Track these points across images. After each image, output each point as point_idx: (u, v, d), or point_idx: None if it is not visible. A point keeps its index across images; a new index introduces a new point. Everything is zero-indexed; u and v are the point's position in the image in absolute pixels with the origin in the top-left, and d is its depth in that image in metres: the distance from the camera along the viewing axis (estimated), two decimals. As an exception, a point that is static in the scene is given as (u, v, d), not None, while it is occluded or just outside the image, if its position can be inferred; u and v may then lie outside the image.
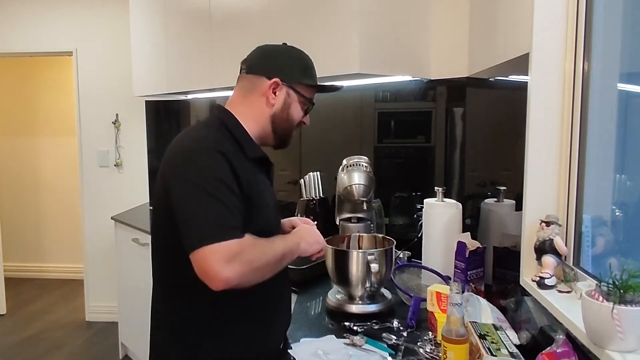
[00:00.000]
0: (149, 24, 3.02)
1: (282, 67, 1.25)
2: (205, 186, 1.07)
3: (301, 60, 1.29)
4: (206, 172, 1.09)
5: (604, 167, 1.22)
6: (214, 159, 1.10)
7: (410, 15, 1.94)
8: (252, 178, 1.17)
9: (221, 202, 1.06)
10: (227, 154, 1.11)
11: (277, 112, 1.25)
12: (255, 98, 1.24)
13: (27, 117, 4.98)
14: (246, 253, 1.05)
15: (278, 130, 1.27)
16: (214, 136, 1.16)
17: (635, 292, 0.84)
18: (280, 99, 1.24)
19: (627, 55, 1.18)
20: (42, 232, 5.01)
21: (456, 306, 1.04)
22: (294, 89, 1.25)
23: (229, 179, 1.09)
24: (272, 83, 1.22)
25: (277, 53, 1.28)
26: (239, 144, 1.19)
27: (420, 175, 2.18)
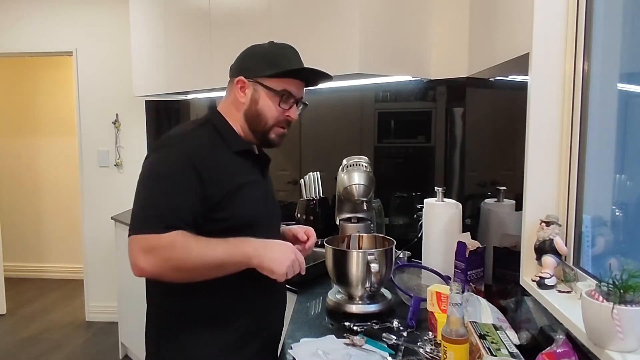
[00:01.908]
0: (149, 24, 3.02)
1: (246, 64, 1.28)
2: (152, 177, 1.15)
3: (268, 54, 1.27)
4: (159, 165, 1.17)
5: (604, 167, 1.22)
6: (173, 153, 1.16)
7: (410, 15, 1.94)
8: (234, 171, 1.22)
9: (160, 195, 1.12)
10: (197, 147, 1.18)
11: (247, 110, 1.27)
12: (231, 100, 1.29)
13: (27, 117, 4.98)
14: (166, 250, 1.07)
15: (253, 128, 1.28)
16: (190, 130, 1.24)
17: (635, 292, 0.84)
18: (248, 95, 1.26)
19: (627, 55, 1.18)
20: (42, 232, 5.01)
21: (456, 306, 1.04)
22: (259, 84, 1.24)
23: (183, 174, 1.13)
24: (237, 82, 1.26)
25: (246, 52, 1.31)
26: (223, 137, 1.25)
27: (420, 175, 2.18)
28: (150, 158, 1.20)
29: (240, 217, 1.20)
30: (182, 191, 1.13)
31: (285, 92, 1.25)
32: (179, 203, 1.12)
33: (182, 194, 1.13)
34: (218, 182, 1.17)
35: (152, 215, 1.10)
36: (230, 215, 1.18)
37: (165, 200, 1.12)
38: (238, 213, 1.20)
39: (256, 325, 1.28)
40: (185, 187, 1.13)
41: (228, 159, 1.23)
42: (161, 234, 1.07)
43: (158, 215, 1.09)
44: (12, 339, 3.61)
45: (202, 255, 1.10)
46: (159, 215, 1.09)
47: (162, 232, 1.07)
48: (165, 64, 2.82)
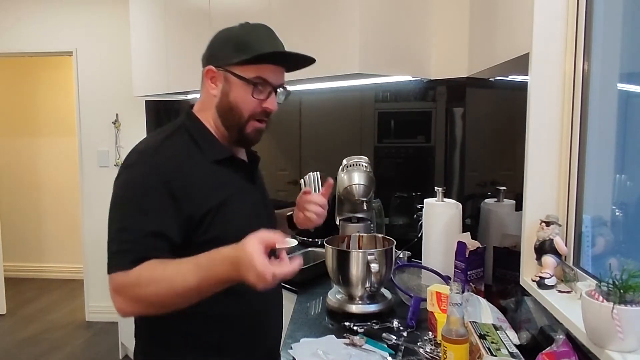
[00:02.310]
0: (149, 24, 3.02)
1: (215, 51, 1.14)
2: (119, 203, 1.05)
3: (236, 37, 1.12)
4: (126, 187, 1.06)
5: (604, 167, 1.22)
6: (141, 172, 1.05)
7: (410, 15, 1.94)
8: (215, 184, 1.10)
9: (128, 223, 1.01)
10: (168, 161, 1.06)
11: (218, 103, 1.13)
12: (204, 92, 1.17)
13: (27, 117, 4.98)
14: (132, 288, 0.97)
15: (227, 123, 1.14)
16: (159, 142, 1.10)
17: (635, 292, 0.84)
18: (219, 87, 1.12)
19: (627, 55, 1.18)
20: (42, 232, 5.01)
21: (456, 306, 1.04)
22: (230, 72, 1.10)
23: (154, 195, 1.02)
24: (207, 72, 1.13)
25: (214, 38, 1.16)
26: (198, 145, 1.12)
27: (420, 175, 2.18)
28: (119, 179, 1.08)
29: (227, 236, 1.02)
30: (153, 215, 1.02)
31: (260, 80, 1.10)
32: (150, 229, 1.01)
33: (154, 218, 1.02)
34: (196, 199, 1.06)
35: (119, 251, 1.00)
36: (215, 236, 1.05)
37: (134, 229, 1.01)
38: (224, 232, 1.06)
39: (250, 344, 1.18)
40: (156, 209, 1.02)
41: (206, 171, 1.10)
42: (128, 270, 0.97)
43: (125, 250, 0.99)
44: (12, 339, 3.61)
45: (172, 288, 0.96)
46: (126, 250, 0.99)
47: (129, 268, 0.97)
48: (165, 64, 2.82)
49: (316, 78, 1.95)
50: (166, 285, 0.96)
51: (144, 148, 1.10)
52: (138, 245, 1.00)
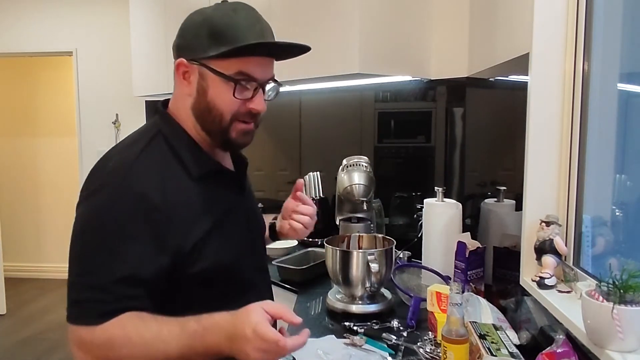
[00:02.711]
0: (149, 24, 3.02)
1: (186, 41, 0.94)
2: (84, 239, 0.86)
3: (209, 22, 0.91)
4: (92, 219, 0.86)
5: (604, 167, 1.22)
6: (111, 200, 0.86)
7: (410, 15, 1.94)
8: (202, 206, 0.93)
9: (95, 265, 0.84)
10: (145, 183, 0.87)
11: (194, 103, 0.95)
12: (177, 89, 0.98)
13: (27, 117, 4.98)
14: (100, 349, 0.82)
15: (207, 127, 0.96)
16: (132, 158, 0.90)
17: (635, 292, 0.84)
18: (194, 84, 0.94)
19: (627, 55, 1.18)
20: (42, 232, 5.01)
21: (456, 306, 1.04)
22: (205, 67, 0.92)
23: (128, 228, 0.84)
24: (178, 65, 0.95)
25: (185, 23, 0.96)
26: (179, 157, 0.94)
27: (420, 175, 2.18)
28: (82, 208, 0.89)
29: (219, 265, 0.93)
30: (127, 255, 0.84)
31: (243, 76, 0.92)
32: (123, 273, 0.83)
33: (128, 259, 0.84)
34: (182, 230, 0.89)
35: (83, 300, 0.83)
36: (206, 267, 0.91)
37: (102, 273, 0.83)
38: (216, 261, 0.93)
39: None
40: (132, 248, 0.84)
41: (191, 191, 0.93)
42: (95, 325, 0.81)
43: (91, 300, 0.83)
44: (12, 339, 3.61)
45: (150, 354, 0.82)
46: (93, 299, 0.82)
47: (96, 324, 0.81)
48: (165, 64, 2.82)
49: (316, 78, 1.95)
50: (143, 350, 0.81)
51: (113, 168, 0.89)
52: (108, 294, 0.82)
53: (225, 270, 0.96)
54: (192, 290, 0.93)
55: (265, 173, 2.75)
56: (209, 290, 0.94)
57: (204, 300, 0.93)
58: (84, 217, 0.88)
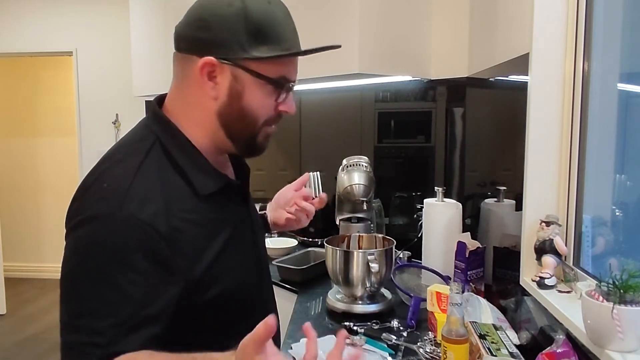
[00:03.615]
0: (149, 24, 3.02)
1: (216, 34, 0.80)
2: (79, 276, 0.75)
3: (248, 15, 0.79)
4: (88, 254, 0.75)
5: (604, 167, 1.22)
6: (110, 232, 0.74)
7: (410, 15, 1.94)
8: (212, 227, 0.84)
9: (95, 303, 0.73)
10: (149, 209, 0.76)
11: (223, 109, 0.84)
12: (190, 90, 0.85)
13: (27, 117, 4.98)
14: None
15: (235, 135, 0.86)
16: (131, 177, 0.77)
17: (635, 292, 0.84)
18: (224, 86, 0.82)
19: (627, 55, 1.18)
20: (42, 232, 5.01)
21: (456, 306, 1.04)
22: (244, 68, 0.81)
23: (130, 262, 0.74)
24: (204, 65, 0.81)
25: (207, 11, 0.81)
26: (183, 173, 0.82)
27: (420, 175, 2.18)
28: (73, 239, 0.77)
29: (231, 287, 0.86)
30: (131, 289, 0.74)
31: (284, 80, 0.84)
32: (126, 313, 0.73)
33: (132, 293, 0.74)
34: (192, 256, 0.79)
35: (80, 344, 0.73)
36: (218, 292, 0.84)
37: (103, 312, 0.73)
38: (228, 284, 0.85)
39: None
40: (136, 281, 0.74)
41: (199, 212, 0.82)
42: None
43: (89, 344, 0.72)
44: (12, 339, 3.61)
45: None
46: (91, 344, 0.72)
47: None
48: (165, 64, 2.81)
49: (316, 78, 1.95)
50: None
51: (108, 191, 0.77)
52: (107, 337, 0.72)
53: (236, 292, 0.88)
54: (202, 316, 0.85)
55: (265, 173, 2.75)
56: (220, 313, 0.87)
57: (213, 324, 0.87)
58: (77, 249, 0.77)
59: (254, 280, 0.96)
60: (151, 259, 0.75)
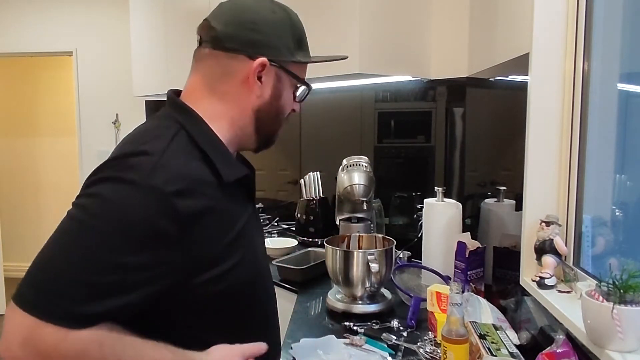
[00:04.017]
0: (149, 24, 3.02)
1: (271, 38, 0.87)
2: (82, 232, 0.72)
3: (294, 24, 0.91)
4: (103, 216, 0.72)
5: (604, 167, 1.22)
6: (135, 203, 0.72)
7: (410, 15, 1.94)
8: (230, 213, 0.85)
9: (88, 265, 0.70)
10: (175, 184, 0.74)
11: (263, 106, 0.89)
12: (229, 87, 0.87)
13: (27, 117, 4.98)
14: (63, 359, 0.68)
15: (263, 130, 0.92)
16: (164, 160, 0.76)
17: (635, 292, 0.84)
18: (269, 86, 0.88)
19: (627, 55, 1.18)
20: (42, 232, 4.98)
21: (456, 306, 1.04)
22: (286, 70, 0.89)
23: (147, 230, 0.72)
24: (258, 65, 0.85)
25: (258, 15, 0.87)
26: (208, 159, 0.82)
27: (420, 175, 2.18)
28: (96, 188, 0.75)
29: (242, 277, 0.85)
30: (138, 261, 0.72)
31: (308, 83, 0.94)
32: (122, 280, 0.70)
33: (137, 266, 0.72)
34: (208, 237, 0.79)
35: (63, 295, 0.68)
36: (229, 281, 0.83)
37: (96, 274, 0.69)
38: (239, 273, 0.85)
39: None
40: (145, 254, 0.72)
41: (220, 199, 0.82)
42: (69, 330, 0.67)
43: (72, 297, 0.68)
44: (12, 339, 3.61)
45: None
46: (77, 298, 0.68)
47: (70, 328, 0.67)
48: (165, 64, 2.82)
49: (316, 78, 1.95)
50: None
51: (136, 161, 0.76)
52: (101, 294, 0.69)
53: (250, 283, 0.89)
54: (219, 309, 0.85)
55: (265, 173, 2.75)
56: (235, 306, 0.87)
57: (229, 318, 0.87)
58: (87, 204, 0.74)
59: (266, 273, 0.98)
60: (158, 233, 0.73)
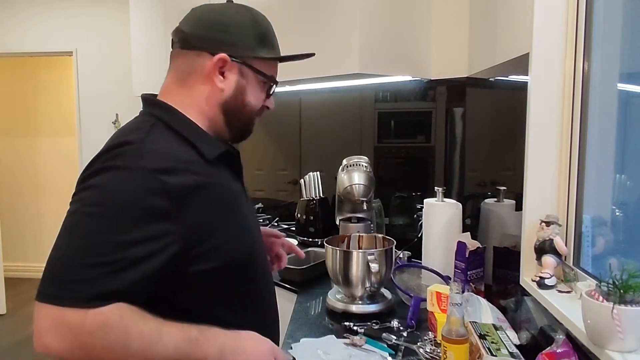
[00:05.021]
0: (149, 24, 3.02)
1: (231, 36, 0.94)
2: (85, 219, 0.78)
3: (256, 23, 0.97)
4: (101, 194, 0.79)
5: (604, 167, 1.22)
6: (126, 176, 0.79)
7: (410, 15, 1.94)
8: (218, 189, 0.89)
9: (94, 248, 0.75)
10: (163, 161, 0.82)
11: (228, 99, 0.96)
12: (195, 82, 0.95)
13: (27, 117, 4.98)
14: (90, 336, 0.72)
15: (232, 122, 0.98)
16: (142, 137, 0.85)
17: (635, 292, 0.84)
18: (232, 80, 0.95)
19: (627, 55, 1.18)
20: (42, 232, 5.01)
21: (456, 306, 1.04)
22: (248, 66, 0.96)
23: (144, 208, 0.78)
24: (218, 60, 0.93)
25: (222, 17, 0.96)
26: (187, 140, 0.89)
27: (420, 175, 2.18)
28: (89, 182, 0.81)
29: (236, 250, 0.91)
30: (137, 237, 0.77)
31: (272, 79, 1.00)
32: (127, 257, 0.75)
33: (138, 241, 0.76)
34: (202, 210, 0.84)
35: (77, 280, 0.74)
36: (224, 254, 0.88)
37: (104, 255, 0.75)
38: (234, 246, 0.90)
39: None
40: (143, 229, 0.77)
41: (209, 174, 0.88)
42: (87, 309, 0.72)
43: (85, 280, 0.74)
44: (12, 339, 3.61)
45: (145, 353, 0.76)
46: (86, 279, 0.74)
47: (87, 307, 0.72)
48: (165, 64, 2.81)
49: (316, 78, 1.95)
50: (139, 346, 0.75)
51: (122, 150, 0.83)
52: (109, 277, 0.74)
53: (238, 264, 0.92)
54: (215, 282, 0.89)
55: (265, 173, 2.75)
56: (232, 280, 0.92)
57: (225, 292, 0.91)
58: (89, 193, 0.80)
59: (260, 248, 1.03)
60: (163, 208, 0.79)
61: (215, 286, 0.89)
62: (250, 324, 0.93)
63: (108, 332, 0.73)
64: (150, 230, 0.78)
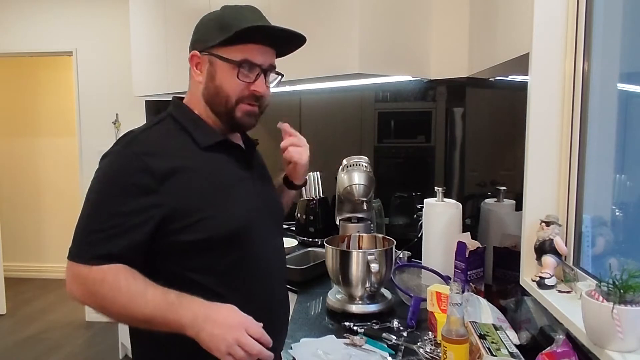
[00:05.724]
0: (149, 24, 3.02)
1: (198, 36, 1.10)
2: (91, 193, 0.99)
3: (217, 18, 1.08)
4: (99, 177, 1.00)
5: (604, 167, 1.22)
6: (117, 160, 1.00)
7: (410, 15, 1.94)
8: (206, 172, 1.04)
9: (98, 215, 0.97)
10: (150, 147, 1.00)
11: (204, 89, 1.08)
12: (190, 82, 1.13)
13: (27, 117, 4.98)
14: (93, 285, 0.94)
15: (216, 109, 1.08)
16: (140, 131, 1.05)
17: (635, 292, 0.84)
18: (204, 72, 1.07)
19: (627, 55, 1.18)
20: (42, 232, 5.01)
21: (456, 306, 1.04)
22: (214, 55, 1.05)
23: (129, 185, 0.97)
24: (191, 57, 1.09)
25: (198, 23, 1.12)
26: (186, 131, 1.06)
27: (420, 175, 2.18)
28: (99, 165, 1.03)
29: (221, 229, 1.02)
30: (127, 209, 0.96)
31: (245, 62, 1.04)
32: (119, 224, 0.95)
33: (128, 212, 0.96)
34: (183, 190, 0.99)
35: (85, 243, 0.96)
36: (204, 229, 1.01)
37: (102, 223, 0.96)
38: (218, 225, 1.02)
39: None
40: (131, 202, 0.96)
41: (199, 160, 1.04)
42: (91, 266, 0.94)
43: (90, 243, 0.96)
44: (12, 339, 3.61)
45: (129, 305, 0.94)
46: (91, 243, 0.95)
47: (91, 264, 0.94)
48: (165, 64, 2.82)
49: (316, 78, 1.95)
50: (124, 299, 0.94)
51: (122, 139, 1.04)
52: (104, 241, 0.95)
53: (228, 239, 1.03)
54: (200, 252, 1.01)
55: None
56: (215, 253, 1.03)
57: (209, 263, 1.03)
58: (94, 178, 1.01)
59: (254, 231, 1.08)
60: (145, 184, 0.96)
61: (200, 256, 1.02)
62: (236, 299, 1.00)
63: (104, 285, 0.94)
64: (139, 203, 0.96)
